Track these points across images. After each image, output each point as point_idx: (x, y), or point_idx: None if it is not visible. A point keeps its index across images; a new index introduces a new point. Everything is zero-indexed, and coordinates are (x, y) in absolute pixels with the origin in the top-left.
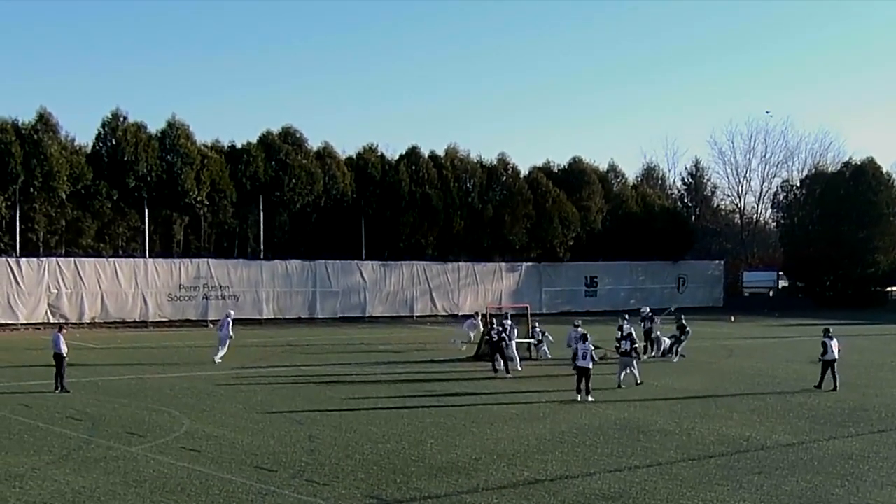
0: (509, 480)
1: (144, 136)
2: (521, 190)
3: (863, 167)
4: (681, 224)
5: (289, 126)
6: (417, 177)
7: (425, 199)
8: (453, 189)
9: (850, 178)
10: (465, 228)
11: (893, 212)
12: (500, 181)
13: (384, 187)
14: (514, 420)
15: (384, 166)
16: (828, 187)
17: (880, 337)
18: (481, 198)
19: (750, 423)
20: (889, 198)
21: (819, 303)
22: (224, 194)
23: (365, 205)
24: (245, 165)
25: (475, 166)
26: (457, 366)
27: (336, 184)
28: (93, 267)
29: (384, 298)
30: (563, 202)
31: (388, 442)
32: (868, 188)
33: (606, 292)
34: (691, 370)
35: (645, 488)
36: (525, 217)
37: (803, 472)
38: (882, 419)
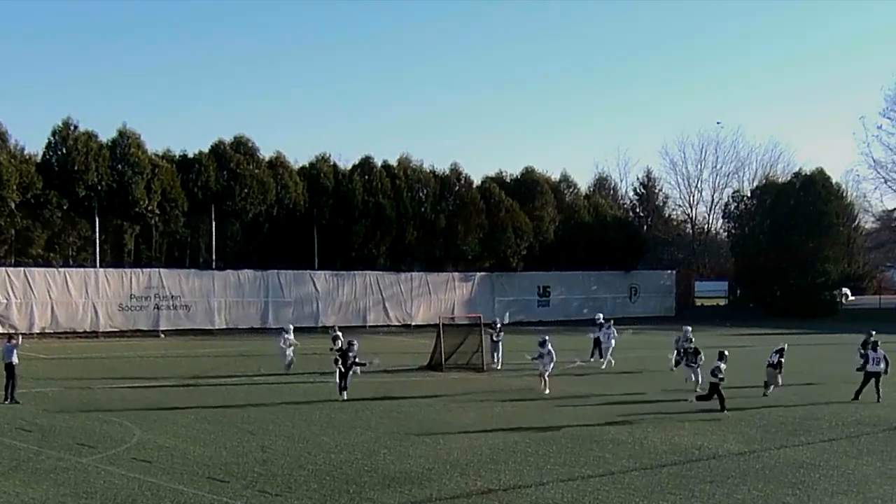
0: (462, 490)
1: (95, 146)
2: (474, 200)
3: (812, 178)
4: (633, 234)
5: (241, 136)
6: (370, 186)
7: (378, 209)
8: (406, 199)
9: (799, 188)
10: (419, 238)
11: (843, 222)
12: (453, 191)
13: (337, 197)
14: (466, 431)
15: (337, 176)
16: (778, 198)
17: (831, 346)
18: (434, 207)
19: (702, 432)
20: (838, 208)
21: (770, 312)
22: (175, 204)
23: (318, 214)
24: (196, 175)
25: (428, 176)
26: (410, 376)
27: (288, 193)
28: (42, 277)
29: (337, 308)
30: (516, 212)
31: (340, 452)
32: (818, 198)
33: (559, 302)
34: (643, 379)
35: (597, 497)
36: (478, 227)
37: (755, 481)
38: (832, 428)
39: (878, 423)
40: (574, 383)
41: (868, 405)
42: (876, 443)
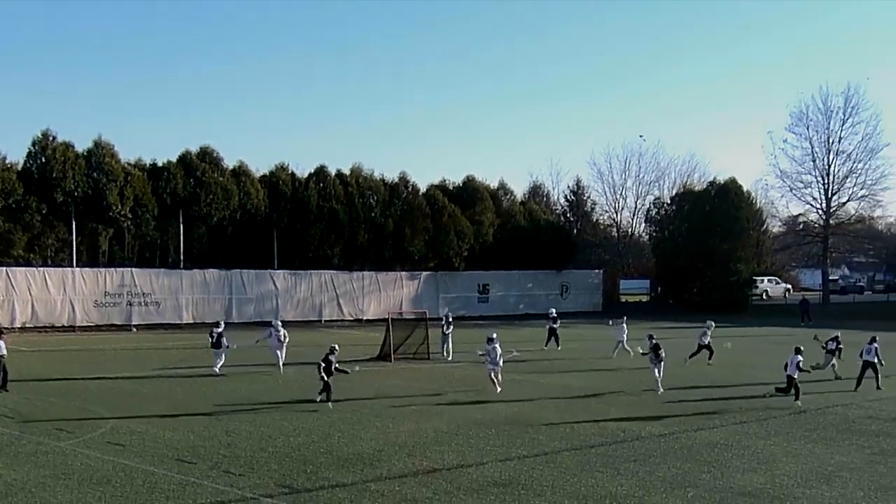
0: (410, 469)
1: (72, 155)
2: (420, 206)
3: (726, 186)
4: (564, 237)
5: (206, 146)
6: (325, 193)
7: (332, 214)
8: (358, 204)
9: (714, 195)
10: (369, 240)
11: (753, 226)
12: (400, 197)
13: (294, 203)
14: (413, 415)
15: (295, 183)
16: (695, 204)
17: (742, 338)
18: (383, 213)
19: (627, 416)
20: (749, 213)
21: (687, 308)
22: (146, 209)
23: (277, 219)
24: (165, 182)
25: (378, 184)
26: (362, 365)
27: (250, 199)
28: (23, 275)
29: (295, 304)
30: (458, 217)
31: (298, 435)
32: (730, 205)
33: (497, 298)
34: (574, 369)
35: (532, 475)
36: (423, 230)
37: (674, 460)
38: (743, 412)
39: (785, 408)
40: (510, 371)
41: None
42: (782, 425)
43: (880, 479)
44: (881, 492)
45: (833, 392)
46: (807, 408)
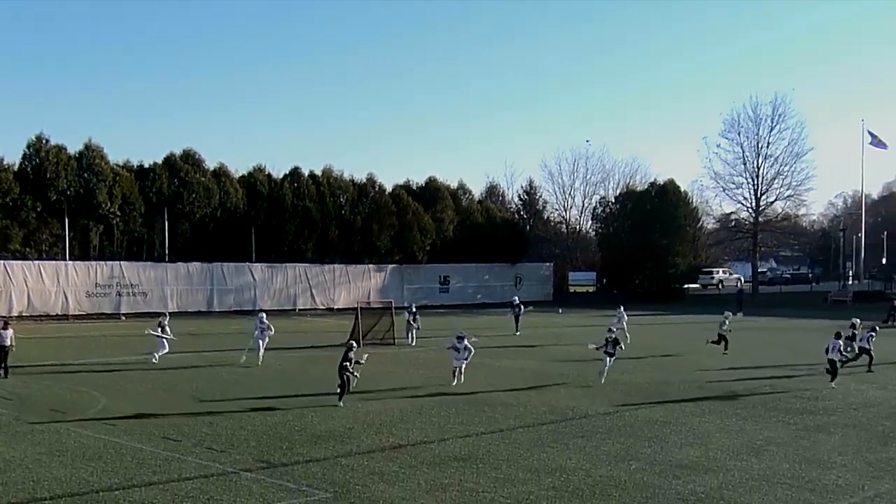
0: (377, 446)
1: (64, 157)
2: (386, 204)
3: (665, 187)
4: (518, 233)
5: (189, 149)
6: (299, 192)
7: (306, 212)
8: (329, 203)
9: (654, 195)
10: (340, 236)
11: (689, 223)
12: (368, 196)
13: (271, 201)
14: (381, 396)
15: (271, 184)
16: (637, 203)
17: (680, 325)
18: (353, 210)
19: (575, 396)
20: (686, 212)
21: (630, 297)
22: (133, 207)
23: (254, 216)
24: (151, 182)
25: (348, 184)
26: (333, 350)
27: (230, 198)
28: (20, 268)
29: (272, 295)
30: (421, 214)
31: (275, 415)
32: (669, 204)
33: (457, 289)
34: (526, 353)
35: (489, 450)
36: (389, 226)
37: (618, 436)
38: (681, 392)
39: (718, 389)
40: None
41: (711, 372)
42: (716, 404)
43: (804, 453)
44: (805, 463)
45: (764, 378)
46: (739, 388)
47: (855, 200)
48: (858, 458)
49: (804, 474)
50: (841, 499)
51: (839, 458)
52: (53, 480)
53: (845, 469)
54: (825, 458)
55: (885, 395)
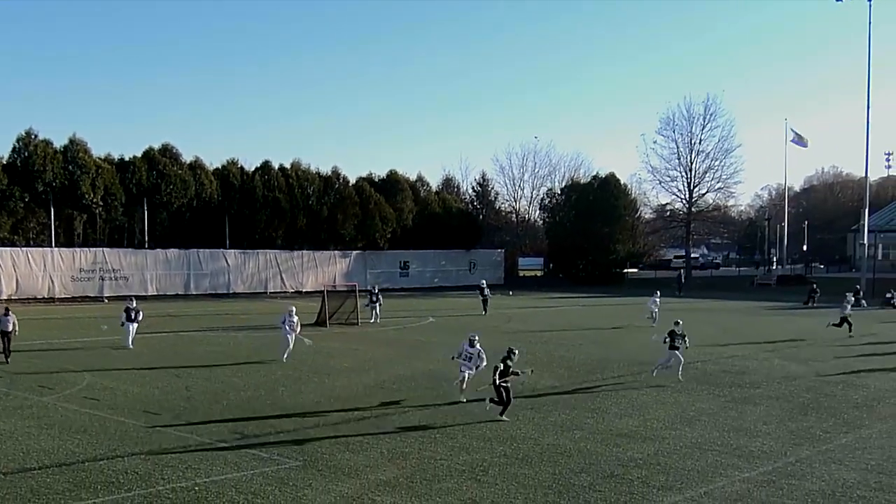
0: (343, 417)
1: (51, 151)
2: (350, 195)
3: (607, 179)
4: (472, 222)
5: (167, 143)
6: (269, 184)
7: (276, 202)
8: (297, 194)
9: (597, 187)
10: (307, 224)
11: (629, 213)
12: (333, 188)
13: (243, 192)
14: (346, 372)
15: (243, 176)
16: (581, 194)
17: (620, 307)
18: (319, 201)
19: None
20: (626, 202)
21: (574, 281)
22: (115, 197)
23: (228, 206)
24: (132, 174)
25: (314, 176)
26: (302, 330)
27: (205, 189)
28: (9, 255)
29: (245, 279)
30: (383, 205)
31: (248, 390)
32: (611, 195)
33: (416, 273)
34: (482, 333)
35: (446, 421)
36: (353, 216)
37: (563, 408)
38: (621, 368)
39: (652, 363)
40: (425, 332)
41: (647, 349)
42: (653, 379)
43: (732, 422)
44: (733, 432)
45: (696, 354)
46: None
47: (779, 192)
48: (781, 427)
49: (732, 442)
50: (765, 464)
51: (764, 427)
52: (42, 451)
53: (769, 437)
54: (751, 427)
55: (806, 370)
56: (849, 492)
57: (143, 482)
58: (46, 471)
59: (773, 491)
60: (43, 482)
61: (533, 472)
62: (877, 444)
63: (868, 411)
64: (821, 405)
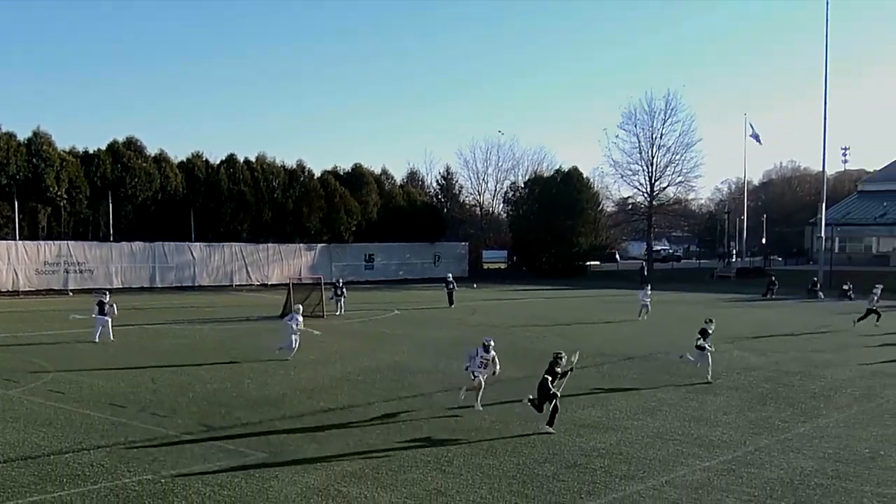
0: (309, 409)
1: (14, 143)
2: (316, 188)
3: (570, 173)
4: (436, 215)
5: (131, 136)
6: (235, 178)
7: (241, 195)
8: (262, 187)
9: (560, 181)
10: (272, 217)
11: (591, 206)
12: (299, 181)
13: (208, 185)
14: (312, 364)
15: (208, 169)
16: (544, 188)
17: (583, 299)
18: (284, 194)
19: None
20: (588, 196)
21: (538, 274)
22: (79, 190)
23: (193, 199)
24: (96, 167)
25: (279, 170)
26: (267, 322)
27: (170, 182)
28: None
29: (210, 272)
30: (348, 198)
31: (214, 382)
32: (573, 189)
33: (381, 266)
34: (446, 325)
35: (411, 412)
36: (318, 209)
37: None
38: (584, 358)
39: (616, 355)
40: (391, 325)
41: (610, 340)
42: (615, 369)
43: (692, 412)
44: (693, 421)
45: (657, 346)
46: (634, 355)
47: (738, 186)
48: (741, 417)
49: (693, 431)
50: (725, 452)
51: (724, 416)
52: (7, 445)
53: (729, 426)
54: (711, 416)
55: (765, 361)
56: (806, 479)
57: (108, 475)
58: (11, 464)
59: (733, 479)
60: (8, 475)
61: (497, 462)
62: (834, 434)
63: (825, 401)
64: (779, 395)
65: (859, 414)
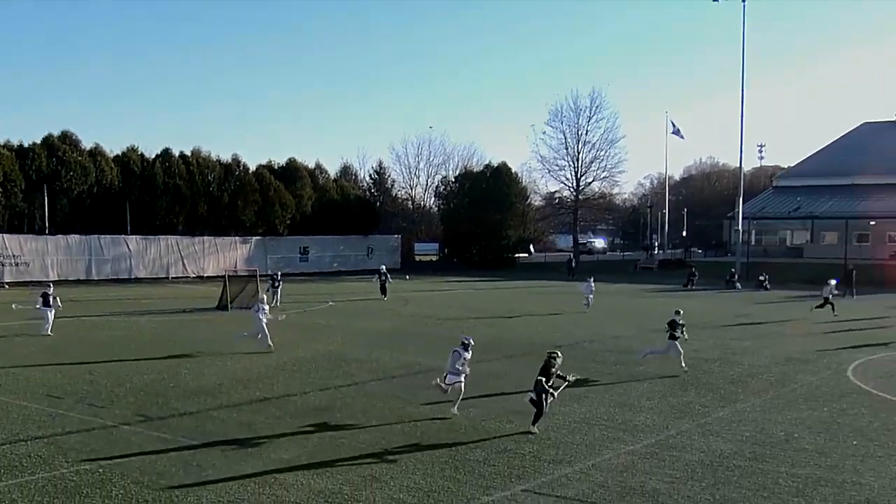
0: (245, 399)
1: None
2: (250, 182)
3: (499, 168)
4: (369, 208)
5: (66, 130)
6: (170, 171)
7: (176, 189)
8: (198, 181)
9: (490, 176)
10: (208, 211)
11: (519, 200)
12: (234, 175)
13: (143, 179)
14: (248, 354)
15: (143, 163)
16: (474, 182)
17: (512, 290)
18: (220, 188)
19: (421, 352)
20: (516, 190)
21: (468, 265)
22: (15, 183)
23: (128, 192)
24: (31, 161)
25: (215, 164)
26: (204, 314)
27: (105, 176)
28: None
29: (146, 264)
30: (282, 191)
31: (151, 373)
32: (503, 183)
33: (315, 258)
34: (381, 315)
35: (346, 402)
36: (254, 202)
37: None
38: (513, 347)
39: (544, 345)
40: (325, 316)
41: (538, 330)
42: (542, 359)
43: (617, 398)
44: (618, 407)
45: (584, 335)
46: (562, 343)
47: (660, 181)
48: (663, 402)
49: (618, 416)
50: (649, 437)
51: (647, 402)
52: None
53: (652, 411)
54: (635, 402)
55: (685, 349)
56: (725, 462)
57: (46, 465)
58: None
59: (656, 462)
60: None
61: (430, 448)
62: (751, 417)
63: (743, 387)
64: (699, 381)
65: (774, 399)
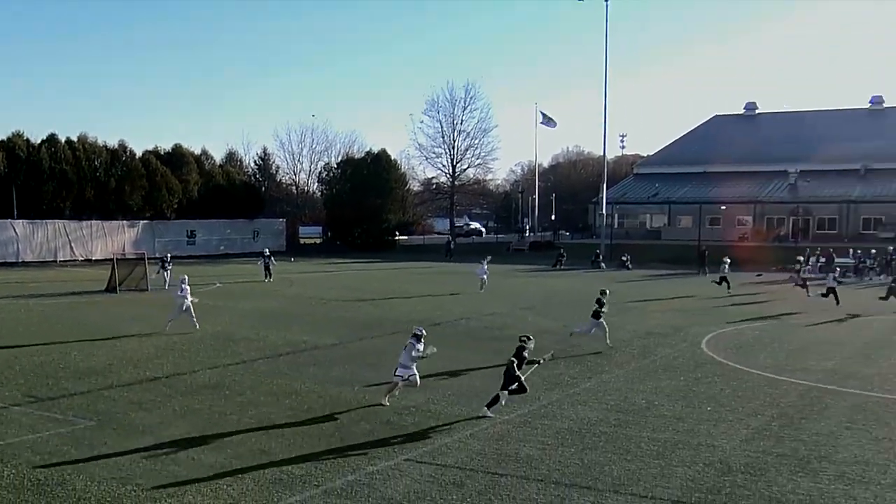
0: (135, 378)
1: None
2: (137, 167)
3: (379, 155)
4: (255, 193)
5: None
6: (56, 157)
7: (63, 174)
8: (85, 166)
9: (371, 162)
10: (95, 195)
11: (399, 186)
12: (121, 161)
13: (29, 164)
14: (137, 334)
15: (29, 149)
16: (355, 169)
17: (391, 270)
18: (107, 173)
19: (307, 331)
20: (396, 176)
21: (351, 248)
22: None
23: (14, 177)
24: None
25: (101, 149)
26: (93, 297)
27: None
28: None
29: (34, 248)
30: (169, 177)
31: (41, 355)
32: (383, 169)
33: (202, 241)
34: (267, 296)
35: (235, 379)
36: (140, 187)
37: (343, 363)
38: (393, 326)
39: (423, 321)
40: (212, 297)
41: (417, 308)
42: (426, 336)
43: (493, 372)
44: (492, 379)
45: (460, 313)
46: (441, 321)
47: (530, 168)
48: (536, 375)
49: (493, 389)
50: (522, 407)
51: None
52: None
53: (528, 383)
54: None
55: (555, 325)
56: (592, 428)
57: None
58: None
59: (529, 430)
60: None
61: (316, 423)
62: (615, 387)
63: (608, 359)
64: (568, 354)
65: (636, 370)
